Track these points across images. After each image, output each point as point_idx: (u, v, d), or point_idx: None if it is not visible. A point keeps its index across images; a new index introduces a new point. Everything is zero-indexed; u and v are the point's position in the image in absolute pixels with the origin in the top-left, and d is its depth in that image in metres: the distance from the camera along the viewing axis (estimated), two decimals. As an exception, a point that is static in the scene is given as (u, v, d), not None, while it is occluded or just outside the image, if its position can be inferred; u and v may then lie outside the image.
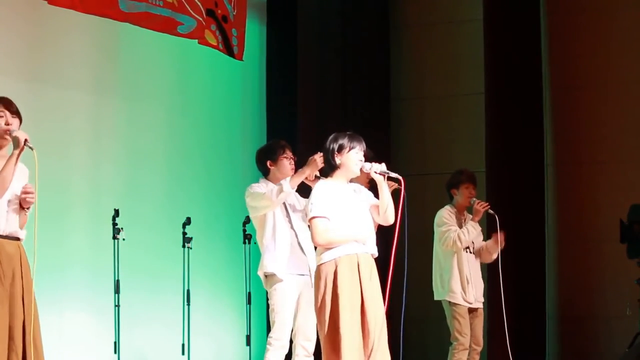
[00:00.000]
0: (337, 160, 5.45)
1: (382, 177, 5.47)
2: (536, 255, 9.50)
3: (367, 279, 5.37)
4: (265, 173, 6.49)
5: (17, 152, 4.92)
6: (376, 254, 5.51)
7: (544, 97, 9.72)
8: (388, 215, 5.49)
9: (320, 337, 5.41)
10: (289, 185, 6.19)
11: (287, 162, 6.43)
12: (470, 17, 10.00)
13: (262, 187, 6.36)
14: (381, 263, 5.59)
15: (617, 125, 9.60)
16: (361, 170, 5.48)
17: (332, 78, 10.02)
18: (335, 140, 5.47)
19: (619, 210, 8.81)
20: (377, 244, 5.54)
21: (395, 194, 5.61)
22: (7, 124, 4.96)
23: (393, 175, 5.46)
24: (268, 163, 6.46)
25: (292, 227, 6.37)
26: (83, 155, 7.88)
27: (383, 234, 5.69)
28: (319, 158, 6.07)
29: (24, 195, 4.98)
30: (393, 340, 5.55)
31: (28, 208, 5.02)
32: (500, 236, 7.51)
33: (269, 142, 6.82)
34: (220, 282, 8.99)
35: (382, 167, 5.48)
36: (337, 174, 5.49)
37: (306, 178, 6.20)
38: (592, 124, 9.69)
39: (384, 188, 5.46)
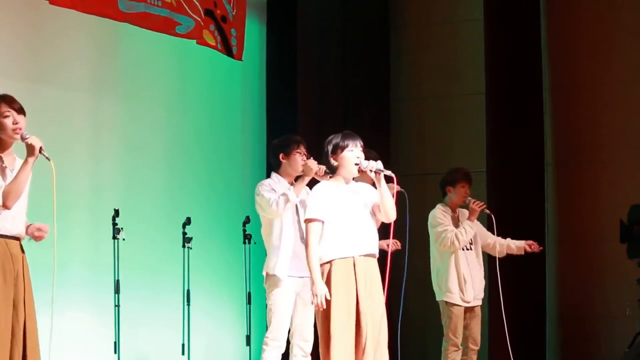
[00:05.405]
0: (334, 161, 5.45)
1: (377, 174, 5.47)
2: (536, 255, 9.48)
3: (363, 280, 5.35)
4: (277, 166, 6.46)
5: (31, 159, 4.90)
6: (377, 255, 5.50)
7: (544, 97, 9.71)
8: (389, 212, 5.46)
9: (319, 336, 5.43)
10: (294, 194, 6.21)
11: (299, 158, 6.37)
12: (470, 17, 10.00)
13: (270, 188, 6.33)
14: (380, 261, 5.57)
15: (617, 125, 9.59)
16: (360, 169, 5.46)
17: (332, 78, 10.02)
18: (329, 142, 5.48)
19: (619, 210, 8.80)
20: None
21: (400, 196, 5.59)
22: (14, 122, 4.94)
23: (386, 172, 5.42)
24: (281, 156, 6.43)
25: (299, 224, 6.33)
26: (83, 155, 7.89)
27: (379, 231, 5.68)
28: (311, 162, 6.16)
29: (37, 234, 5.04)
30: (392, 339, 5.55)
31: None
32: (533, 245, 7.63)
33: (284, 136, 6.74)
34: (220, 282, 8.99)
35: (378, 164, 5.44)
36: (337, 175, 5.49)
37: (316, 174, 6.19)
38: (592, 124, 9.68)
39: (382, 185, 5.42)
